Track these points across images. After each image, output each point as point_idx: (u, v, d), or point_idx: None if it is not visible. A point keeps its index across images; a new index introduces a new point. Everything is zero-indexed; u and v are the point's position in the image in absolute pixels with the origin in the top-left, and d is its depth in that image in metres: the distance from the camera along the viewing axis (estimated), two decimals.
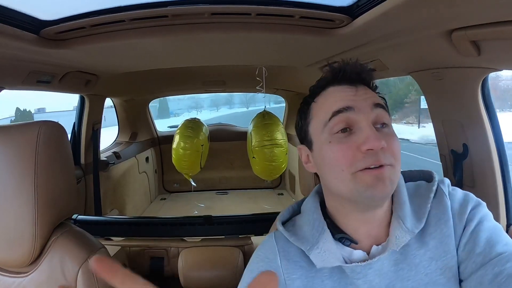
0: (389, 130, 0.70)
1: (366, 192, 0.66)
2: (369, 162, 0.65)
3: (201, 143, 3.04)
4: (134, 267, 1.82)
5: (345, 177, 0.68)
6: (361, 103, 0.70)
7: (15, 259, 0.95)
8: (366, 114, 0.68)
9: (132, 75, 2.30)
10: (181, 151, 2.99)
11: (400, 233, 0.69)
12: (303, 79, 2.78)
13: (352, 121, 0.69)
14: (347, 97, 0.71)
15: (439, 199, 0.74)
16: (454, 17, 0.85)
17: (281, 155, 2.72)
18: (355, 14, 1.12)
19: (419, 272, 0.69)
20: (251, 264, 0.80)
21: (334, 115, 0.70)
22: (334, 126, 0.70)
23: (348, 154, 0.67)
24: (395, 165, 0.67)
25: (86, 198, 2.58)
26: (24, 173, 0.92)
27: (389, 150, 0.67)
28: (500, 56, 0.96)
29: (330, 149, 0.70)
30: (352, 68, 0.74)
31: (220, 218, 1.86)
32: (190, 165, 3.06)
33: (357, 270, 0.70)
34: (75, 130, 2.57)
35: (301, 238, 0.75)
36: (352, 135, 0.68)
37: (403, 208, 0.72)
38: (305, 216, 0.79)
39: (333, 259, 0.71)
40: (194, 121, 3.16)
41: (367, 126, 0.67)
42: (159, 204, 4.04)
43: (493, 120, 1.16)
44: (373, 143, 0.65)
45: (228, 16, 1.20)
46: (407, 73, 1.41)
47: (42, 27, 1.20)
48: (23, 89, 1.67)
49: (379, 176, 0.65)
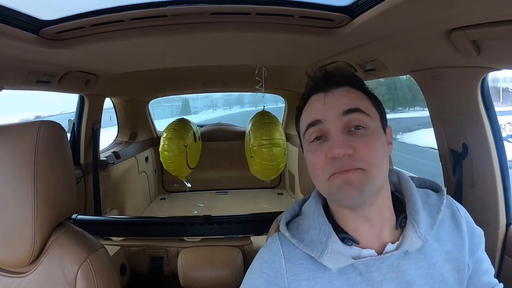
0: (365, 131, 0.70)
1: (336, 194, 0.69)
2: (335, 169, 0.68)
3: (184, 144, 3.06)
4: (133, 267, 1.82)
5: (322, 181, 0.71)
6: (329, 113, 0.72)
7: (14, 259, 0.95)
8: (334, 123, 0.71)
9: (132, 75, 2.29)
10: (165, 153, 3.07)
11: (414, 237, 0.71)
12: (303, 79, 2.78)
13: (324, 130, 0.72)
14: (317, 107, 0.74)
15: (452, 209, 0.80)
16: (453, 17, 0.85)
17: (280, 155, 2.72)
18: (354, 14, 1.12)
19: (436, 271, 0.72)
20: (253, 266, 0.79)
21: (307, 128, 0.75)
22: (309, 136, 0.74)
23: (320, 161, 0.70)
24: (367, 169, 0.67)
25: (85, 198, 2.58)
26: (24, 173, 0.92)
27: (359, 154, 0.67)
28: (500, 55, 0.96)
29: (308, 156, 0.75)
30: (321, 75, 0.77)
31: (219, 218, 1.86)
32: (176, 167, 3.10)
33: (370, 263, 0.71)
34: (75, 130, 2.56)
35: (309, 244, 0.75)
36: (324, 142, 0.71)
37: (418, 213, 0.74)
38: (309, 220, 0.79)
39: (344, 259, 0.71)
40: (180, 122, 3.19)
41: (334, 134, 0.70)
42: (158, 204, 4.04)
43: (492, 120, 1.16)
44: (334, 151, 0.67)
45: (227, 15, 1.20)
46: (406, 72, 1.41)
47: (42, 27, 1.20)
48: (23, 89, 1.67)
49: (346, 180, 0.67)
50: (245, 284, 0.77)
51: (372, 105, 0.75)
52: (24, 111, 18.21)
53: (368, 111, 0.72)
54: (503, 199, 1.18)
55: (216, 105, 27.45)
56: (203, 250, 1.76)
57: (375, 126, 0.72)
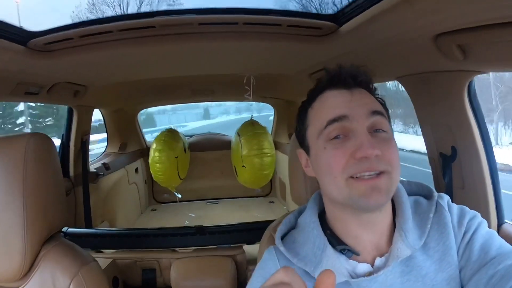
0: (386, 135, 0.70)
1: (359, 201, 0.66)
2: (362, 169, 0.65)
3: (175, 155, 3.04)
4: (126, 279, 1.80)
5: (339, 183, 0.68)
6: (357, 110, 0.69)
7: (5, 273, 0.93)
8: (361, 122, 0.68)
9: (121, 86, 2.29)
10: (156, 166, 3.04)
11: (401, 246, 0.70)
12: (292, 87, 2.80)
13: (346, 128, 0.69)
14: (343, 103, 0.70)
15: (439, 213, 0.75)
16: (439, 22, 0.87)
17: (271, 164, 2.75)
18: (341, 22, 1.13)
19: (426, 284, 0.69)
20: (254, 281, 0.77)
21: (329, 123, 0.70)
22: (329, 132, 0.70)
23: (341, 160, 0.67)
24: (392, 172, 0.67)
25: (75, 210, 2.54)
26: (13, 185, 0.91)
27: (384, 157, 0.66)
28: (485, 58, 0.97)
29: (324, 155, 0.70)
30: (347, 71, 0.74)
31: (211, 228, 1.85)
32: (167, 178, 3.09)
33: (363, 284, 0.69)
34: (64, 142, 2.54)
35: (303, 258, 0.74)
36: (347, 141, 0.68)
37: (407, 223, 0.72)
38: (305, 233, 0.78)
39: (338, 275, 0.69)
40: (168, 133, 3.18)
41: (362, 133, 0.67)
42: (149, 215, 4.00)
43: (480, 122, 1.18)
44: (366, 151, 0.64)
45: (215, 26, 1.21)
46: (394, 78, 1.43)
47: (30, 38, 1.19)
48: (11, 100, 1.66)
49: (374, 186, 0.65)
50: None
51: (386, 112, 0.74)
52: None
53: (386, 117, 0.72)
54: (493, 200, 1.19)
55: (229, 111, 30.87)
56: (196, 260, 1.75)
57: (391, 132, 0.72)
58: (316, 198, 0.85)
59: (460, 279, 0.70)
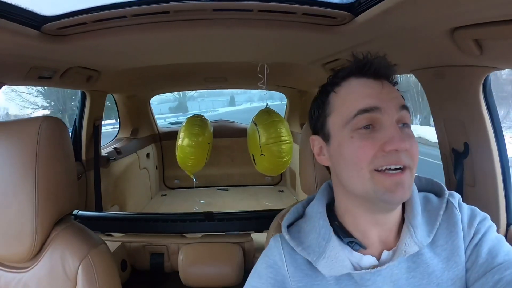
0: (409, 131, 0.69)
1: (384, 195, 0.65)
2: (389, 162, 0.64)
3: (207, 141, 3.01)
4: (134, 263, 1.83)
5: (364, 176, 0.67)
6: (388, 103, 0.68)
7: (15, 254, 0.95)
8: (392, 115, 0.67)
9: (134, 72, 2.29)
10: (187, 149, 2.92)
11: (409, 242, 0.69)
12: (305, 77, 2.78)
13: (375, 119, 0.68)
14: (374, 94, 0.69)
15: (449, 212, 0.75)
16: (456, 15, 0.85)
17: (290, 150, 2.72)
18: (357, 12, 1.11)
19: (431, 282, 0.69)
20: (258, 268, 0.78)
21: (359, 113, 0.68)
22: (358, 122, 0.68)
23: (369, 152, 0.66)
24: (413, 169, 0.67)
25: (86, 194, 2.59)
26: (25, 168, 0.92)
27: (410, 152, 0.66)
28: (503, 55, 0.95)
29: (351, 144, 0.68)
30: (379, 61, 0.72)
31: (220, 215, 1.87)
32: (195, 163, 3.02)
33: (366, 277, 0.69)
34: (76, 126, 2.57)
35: (307, 247, 0.74)
36: (375, 132, 0.67)
37: (416, 218, 0.72)
38: (311, 223, 0.77)
39: (340, 267, 0.70)
40: (200, 118, 3.12)
41: (391, 126, 0.66)
42: (159, 200, 4.04)
43: (494, 119, 1.16)
44: (398, 144, 0.64)
45: (229, 12, 1.20)
46: (409, 71, 1.41)
47: (44, 22, 1.19)
48: (24, 84, 1.67)
49: (399, 181, 0.64)
50: (250, 284, 0.76)
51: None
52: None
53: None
54: (503, 199, 1.17)
55: (253, 99, 31.42)
56: (204, 246, 1.76)
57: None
58: (325, 188, 0.84)
59: (465, 280, 0.70)
